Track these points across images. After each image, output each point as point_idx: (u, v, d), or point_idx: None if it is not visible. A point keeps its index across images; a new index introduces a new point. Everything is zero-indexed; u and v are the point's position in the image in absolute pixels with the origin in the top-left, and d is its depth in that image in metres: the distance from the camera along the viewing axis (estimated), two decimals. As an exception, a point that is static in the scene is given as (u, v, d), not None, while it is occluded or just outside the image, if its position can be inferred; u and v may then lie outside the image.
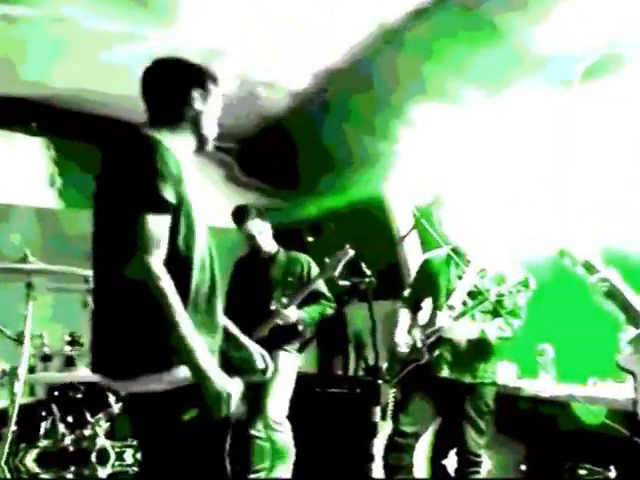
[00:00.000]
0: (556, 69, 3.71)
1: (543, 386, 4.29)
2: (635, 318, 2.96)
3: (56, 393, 4.24)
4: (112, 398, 4.21)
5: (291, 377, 4.38)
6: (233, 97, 4.61)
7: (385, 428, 3.99)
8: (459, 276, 3.89)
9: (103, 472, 3.96)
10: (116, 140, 2.14)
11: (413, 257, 5.24)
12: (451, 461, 3.98)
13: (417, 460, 3.86)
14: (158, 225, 1.98)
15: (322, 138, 4.98)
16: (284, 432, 4.24)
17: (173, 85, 2.23)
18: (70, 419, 4.14)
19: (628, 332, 3.01)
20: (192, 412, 1.99)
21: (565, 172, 4.12)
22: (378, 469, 3.88)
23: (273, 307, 4.30)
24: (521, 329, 3.80)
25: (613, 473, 3.79)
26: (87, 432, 4.06)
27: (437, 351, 3.77)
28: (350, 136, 4.88)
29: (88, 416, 4.15)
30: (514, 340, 3.86)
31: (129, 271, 1.95)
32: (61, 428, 4.08)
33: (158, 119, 2.21)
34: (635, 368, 2.95)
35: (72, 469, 3.95)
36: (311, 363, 5.61)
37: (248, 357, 2.39)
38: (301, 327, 4.36)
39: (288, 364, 4.36)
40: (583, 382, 4.17)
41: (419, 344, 3.81)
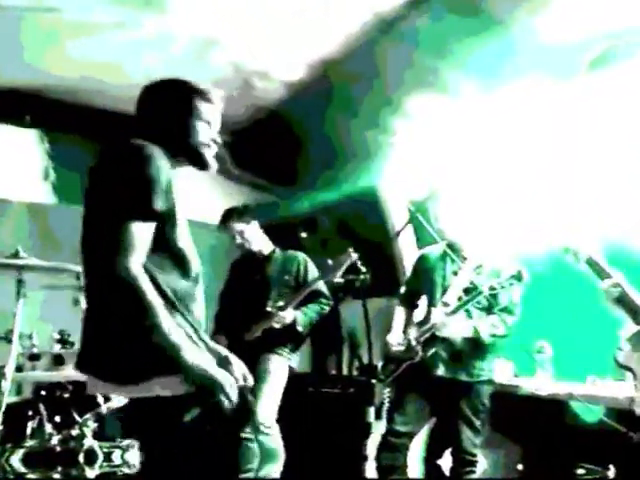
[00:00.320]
0: (559, 61, 3.65)
1: (541, 384, 4.24)
2: (636, 315, 2.91)
3: (43, 392, 4.15)
4: (100, 398, 4.10)
5: (282, 381, 4.29)
6: (226, 87, 4.54)
7: (379, 428, 3.91)
8: (455, 272, 3.83)
9: (91, 473, 3.86)
10: (111, 146, 2.15)
11: (408, 253, 5.16)
12: (446, 461, 3.92)
13: (411, 460, 3.79)
14: (142, 232, 2.01)
15: (317, 130, 4.89)
16: (273, 435, 4.15)
17: (164, 107, 2.26)
18: (57, 419, 4.05)
19: (628, 329, 2.97)
20: (193, 412, 2.00)
21: (566, 166, 4.05)
22: (371, 469, 3.81)
23: (269, 309, 4.20)
24: (516, 326, 3.77)
25: (612, 472, 3.71)
26: (74, 432, 3.97)
27: (432, 349, 3.71)
28: (345, 128, 4.80)
29: (76, 416, 4.05)
30: (510, 337, 3.82)
31: (109, 274, 1.96)
32: (48, 428, 3.99)
33: (152, 137, 2.20)
34: (634, 365, 2.91)
35: (59, 469, 3.85)
36: (304, 362, 5.50)
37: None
38: (300, 329, 4.27)
39: (279, 367, 4.28)
40: (582, 380, 4.12)
41: (414, 342, 3.75)
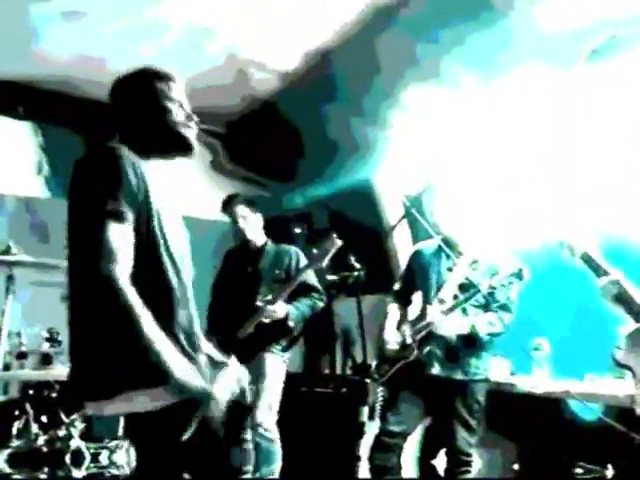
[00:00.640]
0: (558, 51, 3.56)
1: (538, 382, 4.16)
2: (637, 312, 2.84)
3: (31, 392, 4.12)
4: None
5: (279, 380, 4.18)
6: (221, 76, 4.47)
7: (372, 428, 3.83)
8: (450, 268, 3.74)
9: (78, 474, 3.80)
10: (85, 151, 2.11)
11: (403, 249, 5.08)
12: (441, 461, 3.84)
13: (405, 460, 3.71)
14: (116, 235, 1.95)
15: (312, 123, 4.81)
16: (273, 440, 4.04)
17: (131, 100, 2.23)
18: (44, 419, 4.01)
19: (626, 326, 2.89)
20: (192, 426, 1.95)
21: (564, 158, 3.97)
22: (365, 470, 3.73)
23: (258, 303, 4.11)
24: (512, 323, 3.69)
25: (610, 472, 3.67)
26: (61, 433, 3.92)
27: (427, 347, 3.62)
28: (340, 121, 4.70)
29: (63, 416, 4.00)
30: (507, 334, 3.73)
31: (90, 283, 1.92)
32: (34, 428, 3.95)
33: (127, 135, 2.19)
34: (633, 364, 2.84)
35: (45, 470, 3.79)
36: (297, 361, 5.42)
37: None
38: (291, 324, 4.16)
39: (275, 367, 4.17)
40: (580, 378, 4.06)
41: (408, 340, 3.67)
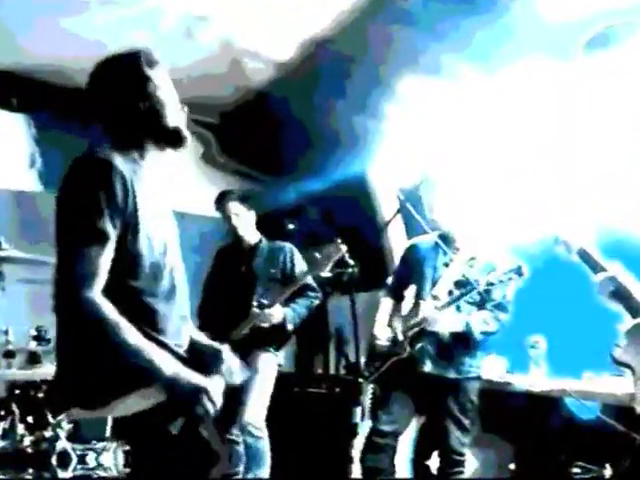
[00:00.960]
0: (557, 41, 3.49)
1: (535, 381, 4.13)
2: (635, 308, 2.77)
3: (17, 391, 4.02)
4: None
5: (271, 379, 4.14)
6: (215, 66, 4.39)
7: (364, 428, 3.75)
8: (446, 264, 3.66)
9: (64, 475, 3.73)
10: (72, 165, 2.01)
11: (398, 244, 4.99)
12: (434, 461, 3.77)
13: (397, 461, 3.64)
14: (98, 256, 1.91)
15: (307, 114, 4.72)
16: (262, 438, 3.99)
17: (115, 87, 2.11)
18: (30, 419, 3.92)
19: (625, 323, 2.82)
20: (179, 422, 1.95)
21: (563, 151, 3.89)
22: (357, 471, 3.65)
23: (255, 306, 4.04)
24: (509, 322, 3.63)
25: (609, 471, 3.66)
26: (48, 434, 3.83)
27: (420, 344, 3.54)
28: (335, 113, 4.62)
29: (50, 417, 3.91)
30: (503, 332, 3.67)
31: (70, 304, 1.90)
32: (20, 429, 3.86)
33: (112, 133, 2.10)
34: (632, 361, 2.77)
35: (30, 472, 3.71)
36: (289, 361, 5.33)
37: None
38: (290, 327, 4.12)
39: (268, 365, 4.13)
40: (577, 376, 4.02)
41: (400, 337, 3.59)
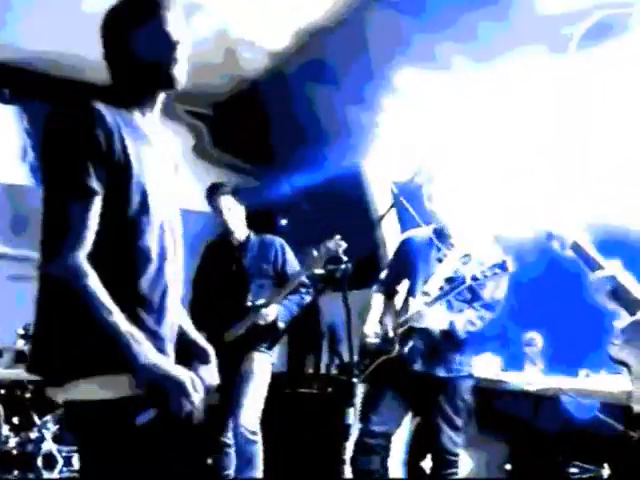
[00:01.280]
0: (553, 32, 3.43)
1: (530, 379, 4.08)
2: (632, 305, 2.69)
3: (3, 391, 3.97)
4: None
5: (265, 381, 4.03)
6: (209, 55, 4.33)
7: (356, 429, 3.68)
8: (439, 260, 3.57)
9: (50, 477, 3.66)
10: (52, 114, 1.86)
11: (392, 239, 4.90)
12: (427, 462, 3.70)
13: (389, 462, 3.56)
14: (81, 215, 1.75)
15: (301, 105, 4.64)
16: (256, 442, 3.89)
17: (113, 37, 1.96)
18: (16, 420, 3.85)
19: (622, 320, 2.75)
20: (148, 414, 1.74)
21: (559, 146, 3.82)
22: (349, 473, 3.58)
23: (249, 304, 3.95)
24: (504, 318, 3.59)
25: (606, 471, 3.60)
26: (33, 435, 3.75)
27: (410, 342, 3.46)
28: (330, 104, 4.54)
29: (35, 418, 3.84)
30: (498, 330, 3.64)
31: (47, 267, 1.75)
32: (5, 430, 3.80)
33: (119, 81, 1.96)
34: (629, 359, 2.69)
35: (15, 473, 3.64)
36: (281, 361, 5.24)
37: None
38: (281, 325, 4.00)
39: (263, 367, 4.01)
40: (574, 374, 3.98)
41: (391, 334, 3.51)
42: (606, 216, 3.25)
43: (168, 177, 1.97)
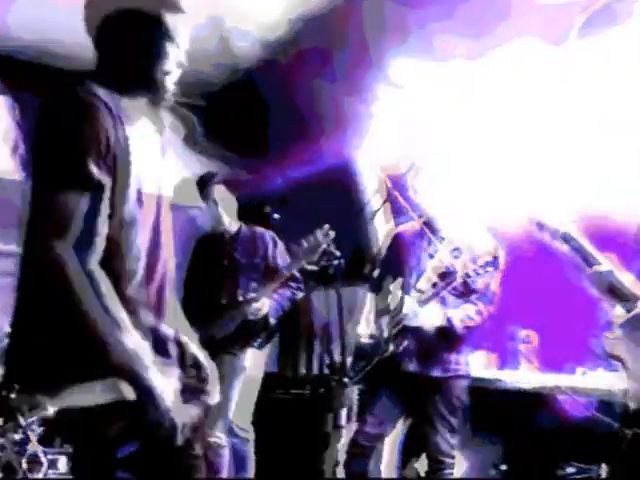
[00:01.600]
0: (551, 23, 3.38)
1: (526, 377, 4.04)
2: (628, 300, 2.65)
3: (-13, 392, 3.85)
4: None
5: (258, 377, 4.03)
6: (203, 44, 4.25)
7: (348, 431, 3.61)
8: (431, 255, 3.52)
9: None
10: (50, 98, 1.80)
11: (385, 234, 4.83)
12: (422, 464, 3.66)
13: (384, 464, 3.51)
14: (77, 205, 1.67)
15: (296, 96, 4.58)
16: (248, 441, 3.84)
17: (117, 37, 1.91)
18: (0, 421, 3.75)
19: (617, 315, 2.71)
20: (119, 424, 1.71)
21: (554, 136, 3.77)
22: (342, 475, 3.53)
23: (240, 299, 3.88)
24: (498, 315, 3.56)
25: (604, 471, 3.54)
26: (17, 437, 3.66)
27: (405, 342, 3.42)
28: (324, 95, 4.48)
29: (20, 419, 3.75)
30: (492, 327, 3.62)
31: (36, 258, 1.69)
32: (-11, 432, 3.69)
33: (107, 73, 1.91)
34: (624, 354, 2.66)
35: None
36: (271, 361, 5.16)
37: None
38: (273, 320, 3.97)
39: (255, 363, 4.00)
40: (570, 372, 3.93)
41: (385, 334, 3.45)
42: (598, 207, 3.22)
43: (158, 170, 1.92)
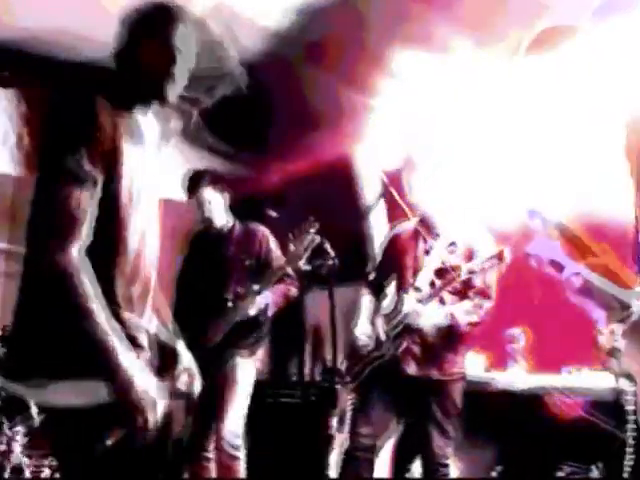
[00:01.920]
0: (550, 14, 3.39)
1: (515, 378, 4.03)
2: (617, 307, 2.63)
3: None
4: (34, 409, 3.70)
5: (249, 388, 3.81)
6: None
7: (342, 440, 3.55)
8: (427, 252, 3.48)
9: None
10: (58, 95, 1.85)
11: (380, 233, 4.77)
12: (417, 468, 3.60)
13: (378, 469, 3.45)
14: (77, 202, 1.69)
15: (295, 90, 4.53)
16: (238, 458, 3.68)
17: (123, 40, 1.97)
18: (-14, 430, 3.68)
19: (613, 315, 2.69)
20: (117, 433, 1.69)
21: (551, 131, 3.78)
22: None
23: (232, 297, 3.76)
24: (489, 314, 3.43)
25: (597, 471, 3.57)
26: (1, 447, 3.59)
27: (404, 344, 3.35)
28: (326, 87, 4.43)
29: (5, 428, 3.67)
30: (481, 327, 3.49)
31: (35, 260, 1.71)
32: (-26, 442, 3.62)
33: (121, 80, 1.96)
34: (631, 366, 2.63)
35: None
36: (263, 365, 5.08)
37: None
38: (263, 319, 3.79)
39: (246, 372, 3.81)
40: (559, 372, 3.94)
41: (383, 337, 3.39)
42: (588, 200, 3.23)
43: (153, 177, 1.96)
